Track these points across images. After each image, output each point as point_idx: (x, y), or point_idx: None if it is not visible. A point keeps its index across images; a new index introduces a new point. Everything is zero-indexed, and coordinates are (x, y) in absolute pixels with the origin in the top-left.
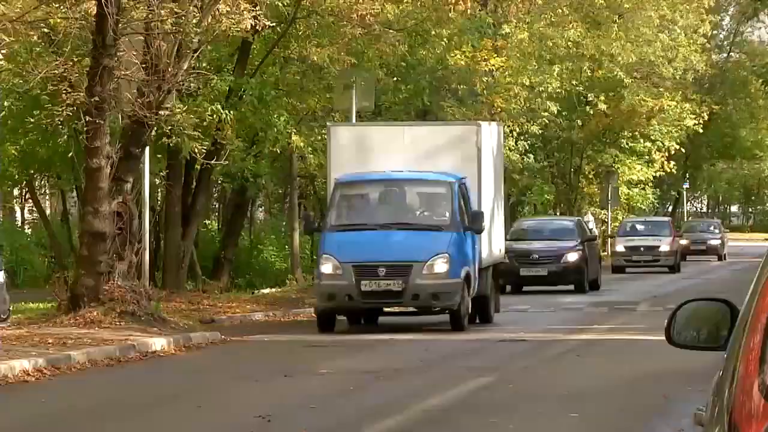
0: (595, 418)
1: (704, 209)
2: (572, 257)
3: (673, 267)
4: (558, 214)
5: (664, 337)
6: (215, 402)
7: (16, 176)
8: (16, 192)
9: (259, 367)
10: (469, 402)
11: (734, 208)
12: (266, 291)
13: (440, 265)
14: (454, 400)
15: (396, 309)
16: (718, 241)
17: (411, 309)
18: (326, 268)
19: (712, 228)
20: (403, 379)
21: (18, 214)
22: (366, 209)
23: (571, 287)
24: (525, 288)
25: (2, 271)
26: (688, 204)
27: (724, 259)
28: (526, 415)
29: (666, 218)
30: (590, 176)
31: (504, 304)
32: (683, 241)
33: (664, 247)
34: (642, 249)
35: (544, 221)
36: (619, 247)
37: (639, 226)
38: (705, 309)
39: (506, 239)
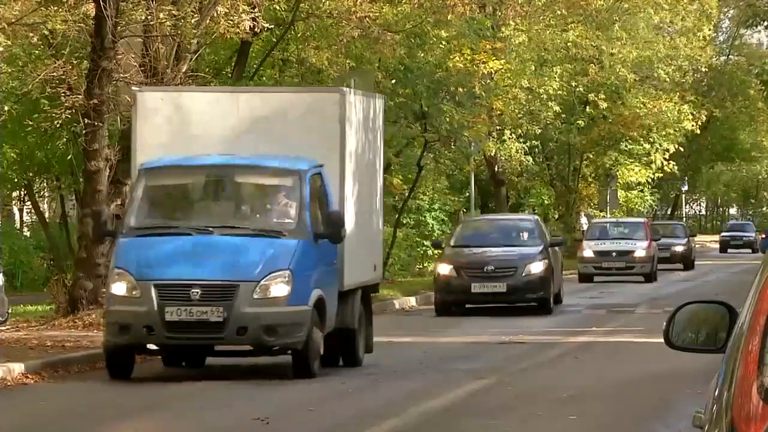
0: (594, 420)
1: (703, 211)
2: (537, 268)
3: (650, 275)
4: (557, 216)
5: (662, 340)
6: (214, 404)
7: (15, 179)
8: (15, 195)
9: (257, 369)
10: (468, 404)
11: (732, 211)
12: None
13: (279, 287)
14: (453, 402)
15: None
16: (684, 247)
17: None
18: (118, 288)
19: (676, 232)
20: (401, 381)
21: (17, 217)
22: (180, 207)
23: (533, 305)
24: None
25: (1, 274)
26: (687, 206)
27: (692, 267)
28: (525, 417)
29: (641, 219)
30: (589, 179)
31: (501, 306)
32: None
33: (640, 253)
34: (614, 254)
35: (497, 220)
36: (587, 252)
37: (611, 228)
38: (703, 311)
39: (451, 245)
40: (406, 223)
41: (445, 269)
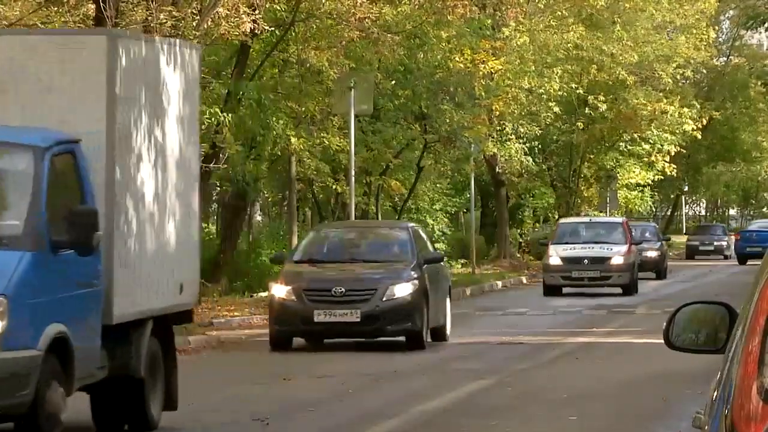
0: (594, 420)
1: (703, 212)
2: (402, 291)
3: (629, 286)
4: (557, 217)
5: (662, 340)
6: (213, 405)
7: None
8: None
9: (257, 369)
10: (468, 404)
11: (733, 212)
12: (264, 294)
13: None
14: (453, 403)
15: None
16: (657, 253)
17: None
18: None
19: (647, 234)
20: (401, 382)
21: None
22: None
23: (401, 338)
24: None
25: None
26: (687, 207)
27: (665, 276)
28: (525, 418)
29: (619, 219)
30: (590, 180)
31: (501, 307)
32: None
33: (617, 260)
34: (586, 261)
35: (358, 229)
36: (554, 259)
37: (583, 230)
38: (704, 312)
39: (293, 261)
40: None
41: (280, 291)
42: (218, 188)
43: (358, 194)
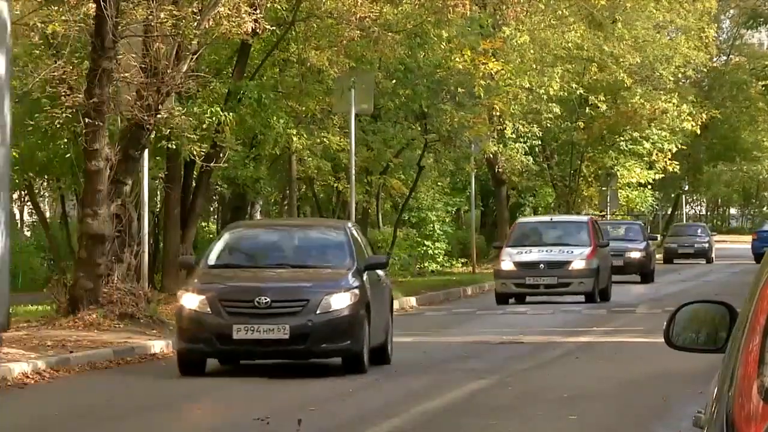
0: (594, 420)
1: (703, 211)
2: (340, 302)
3: (592, 294)
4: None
5: (663, 340)
6: (214, 404)
7: (16, 180)
8: (15, 195)
9: (257, 369)
10: (468, 404)
11: (733, 211)
12: None
13: None
14: (453, 402)
15: None
16: (641, 254)
17: None
18: None
19: (631, 234)
20: (402, 381)
21: (17, 217)
22: None
23: (335, 360)
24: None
25: None
26: (687, 206)
27: (652, 280)
28: (525, 418)
29: (584, 218)
30: (590, 179)
31: (501, 307)
32: None
33: (578, 264)
34: (542, 266)
35: (285, 229)
36: (507, 264)
37: (541, 231)
38: (704, 311)
39: (207, 265)
40: (407, 221)
41: (191, 301)
42: (218, 188)
43: (359, 193)
